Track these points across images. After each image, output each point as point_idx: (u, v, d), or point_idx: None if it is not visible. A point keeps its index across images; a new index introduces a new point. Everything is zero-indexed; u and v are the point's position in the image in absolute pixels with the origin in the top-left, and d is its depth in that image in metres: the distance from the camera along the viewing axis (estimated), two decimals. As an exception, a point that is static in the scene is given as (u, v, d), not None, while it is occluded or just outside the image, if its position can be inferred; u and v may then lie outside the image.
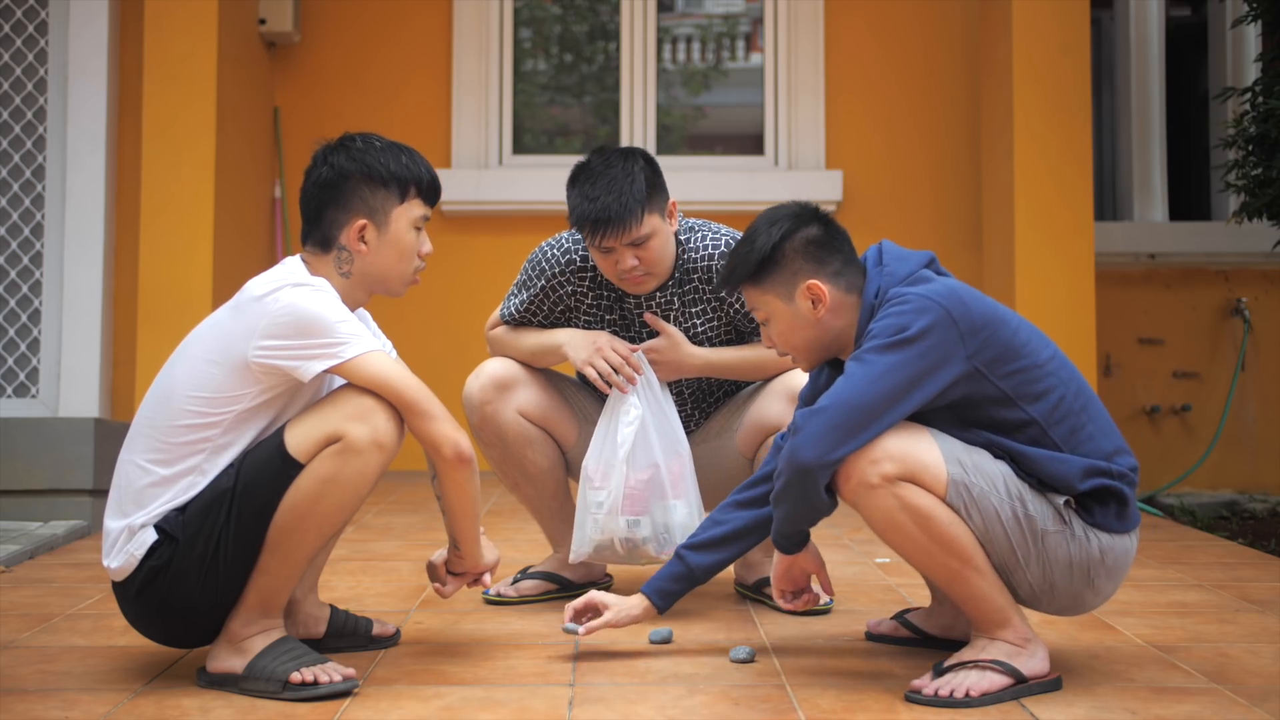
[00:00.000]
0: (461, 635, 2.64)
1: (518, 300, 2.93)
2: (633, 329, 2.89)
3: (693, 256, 2.84)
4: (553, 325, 2.93)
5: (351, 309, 2.35)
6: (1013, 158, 4.83)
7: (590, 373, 2.79)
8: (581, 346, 2.82)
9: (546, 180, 5.53)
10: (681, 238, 2.85)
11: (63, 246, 4.67)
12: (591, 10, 6.08)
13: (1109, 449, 2.21)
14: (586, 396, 2.96)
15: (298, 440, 2.18)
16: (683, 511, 2.72)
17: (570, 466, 2.95)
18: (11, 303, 4.69)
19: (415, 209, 2.37)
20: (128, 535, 2.20)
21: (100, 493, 3.99)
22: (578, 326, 2.91)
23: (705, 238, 2.85)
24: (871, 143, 5.71)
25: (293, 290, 2.21)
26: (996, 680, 2.15)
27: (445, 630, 2.68)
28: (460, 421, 2.36)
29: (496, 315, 3.00)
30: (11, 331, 4.69)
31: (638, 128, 5.83)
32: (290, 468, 2.18)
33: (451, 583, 2.46)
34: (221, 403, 2.20)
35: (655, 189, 2.74)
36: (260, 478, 2.18)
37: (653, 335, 2.88)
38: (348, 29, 5.76)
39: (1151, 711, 2.10)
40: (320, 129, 5.08)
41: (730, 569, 3.26)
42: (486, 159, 5.75)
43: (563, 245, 2.88)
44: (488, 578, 2.47)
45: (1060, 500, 2.16)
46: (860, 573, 3.30)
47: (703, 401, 2.97)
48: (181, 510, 2.20)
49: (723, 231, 2.87)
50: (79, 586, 3.15)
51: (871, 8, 5.78)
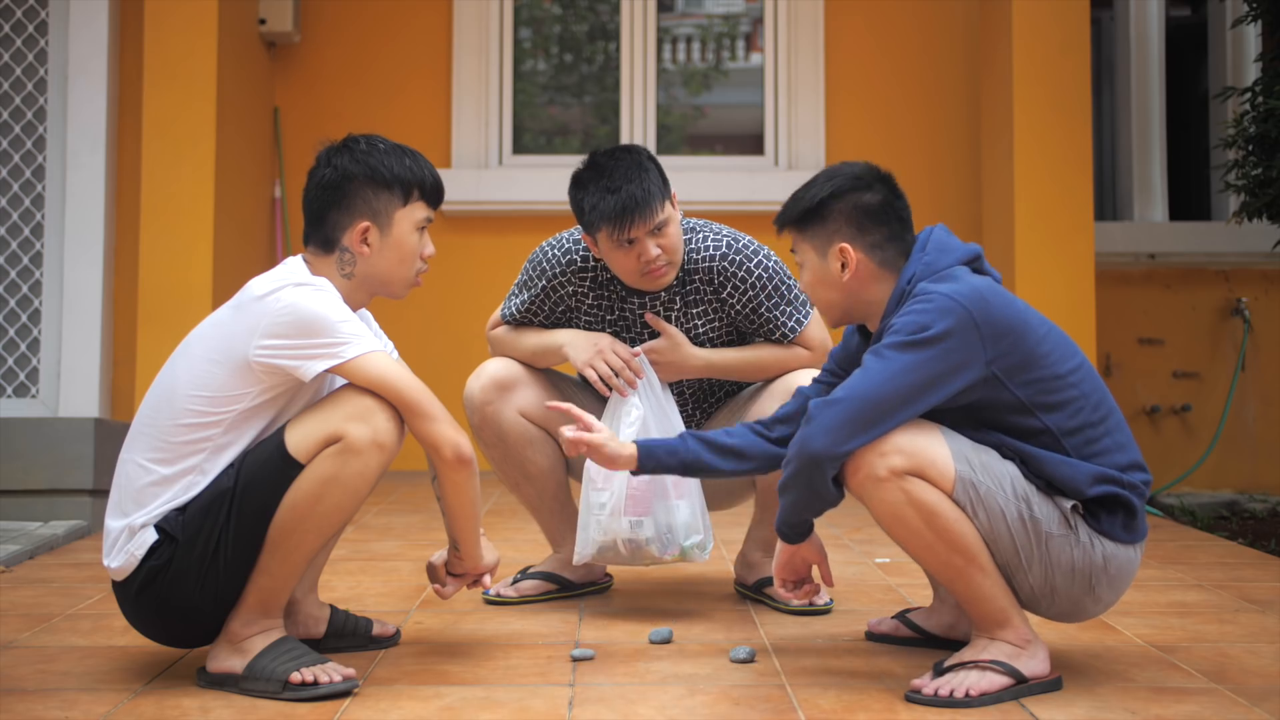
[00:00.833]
0: (461, 635, 2.64)
1: (519, 300, 2.93)
2: (633, 329, 2.89)
3: (694, 257, 2.83)
4: (553, 325, 2.93)
5: (353, 310, 2.36)
6: (1013, 158, 4.83)
7: (591, 375, 2.78)
8: (583, 348, 2.82)
9: (546, 180, 5.53)
10: (684, 236, 2.86)
11: (63, 246, 4.67)
12: (591, 10, 6.08)
13: (1123, 463, 2.20)
14: (588, 397, 2.96)
15: (298, 440, 2.18)
16: (686, 512, 2.70)
17: (571, 467, 2.95)
18: (11, 303, 4.69)
19: (418, 211, 2.37)
20: (128, 535, 2.20)
21: (100, 493, 3.99)
22: (578, 327, 2.91)
23: (707, 238, 2.84)
24: (871, 143, 5.71)
25: (294, 290, 2.21)
26: (996, 680, 2.15)
27: (445, 630, 2.68)
28: (460, 422, 2.36)
29: (497, 315, 3.00)
30: (11, 331, 4.68)
31: (638, 128, 5.82)
32: (290, 468, 2.17)
33: (451, 584, 2.46)
34: (223, 402, 2.20)
35: (661, 176, 2.76)
36: (260, 478, 2.18)
37: (654, 336, 2.88)
38: (348, 29, 5.76)
39: (1151, 711, 2.10)
40: (320, 129, 5.10)
41: (730, 569, 3.27)
42: (486, 159, 5.75)
43: (564, 245, 2.88)
44: (487, 579, 2.47)
45: (1067, 504, 2.15)
46: (860, 573, 3.30)
47: (703, 402, 2.97)
48: (182, 510, 2.20)
49: (724, 232, 2.86)
50: (79, 586, 3.15)
51: (871, 8, 5.78)
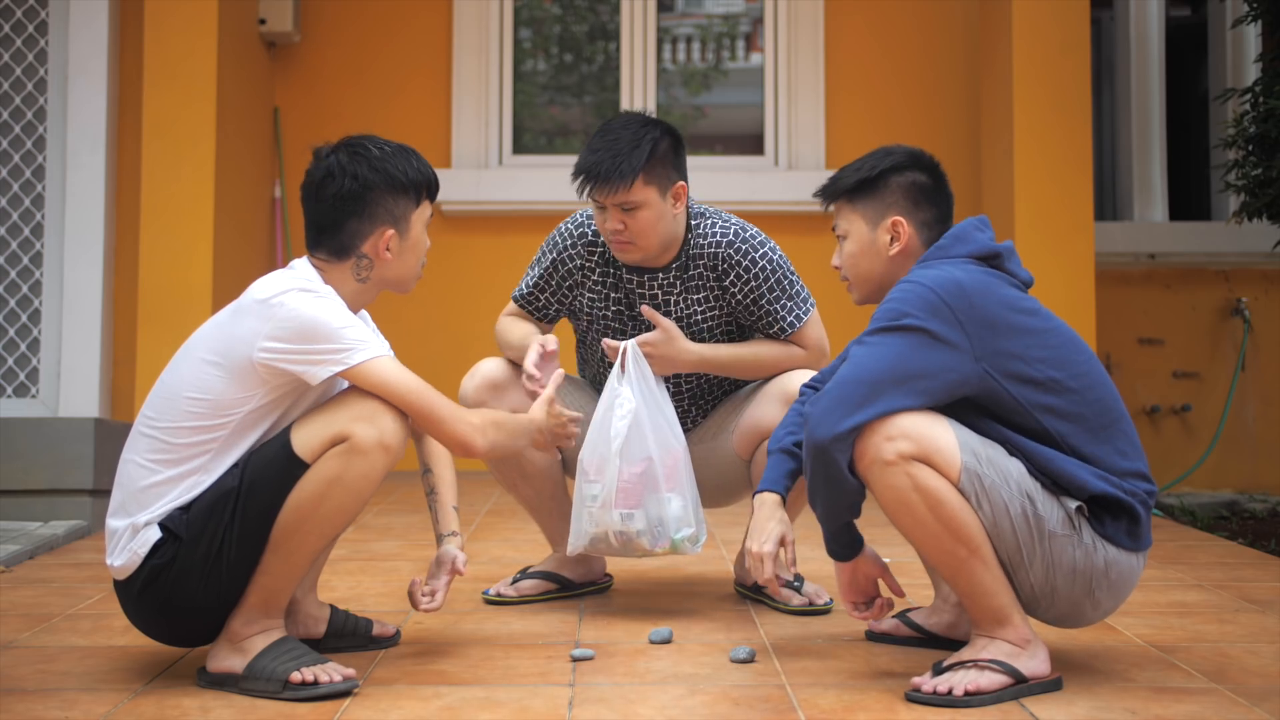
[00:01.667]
0: (461, 635, 2.64)
1: (529, 277, 2.94)
2: (635, 310, 2.88)
3: (700, 243, 2.82)
4: (560, 303, 2.93)
5: (358, 310, 2.37)
6: (1013, 158, 4.83)
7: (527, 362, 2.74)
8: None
9: (546, 180, 5.53)
10: (692, 222, 2.84)
11: (63, 246, 4.67)
12: (591, 10, 6.08)
13: (1125, 470, 2.19)
14: (584, 396, 2.96)
15: (304, 440, 2.19)
16: (678, 505, 2.67)
17: (568, 466, 2.95)
18: (11, 303, 4.69)
19: (426, 210, 2.40)
20: (131, 533, 2.21)
21: (100, 493, 3.99)
22: (583, 305, 2.90)
23: (715, 225, 2.84)
24: (871, 143, 5.60)
25: (298, 295, 2.22)
26: (996, 679, 2.14)
27: (445, 630, 2.68)
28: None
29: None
30: (11, 331, 4.68)
31: (638, 128, 5.82)
32: (296, 467, 2.18)
33: (439, 587, 2.43)
34: (227, 405, 2.21)
35: (661, 163, 2.72)
36: (266, 477, 2.19)
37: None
38: (348, 29, 5.76)
39: (1151, 711, 2.10)
40: (320, 129, 5.09)
41: (730, 569, 3.26)
42: (486, 159, 5.75)
43: (578, 220, 2.90)
44: (461, 557, 2.44)
45: (1072, 505, 2.15)
46: (860, 573, 3.29)
47: (699, 401, 2.96)
48: (186, 509, 2.21)
49: (732, 221, 2.85)
50: (79, 586, 3.15)
51: (871, 8, 5.78)
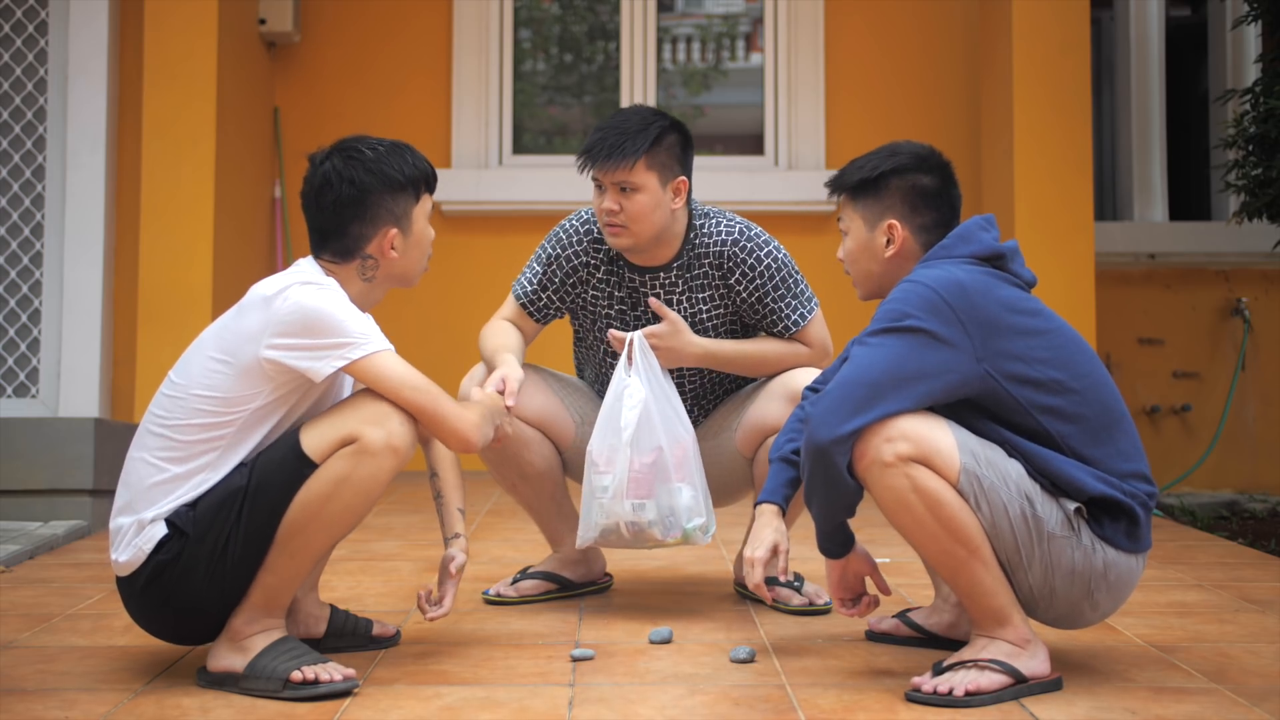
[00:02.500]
0: (461, 635, 2.64)
1: (531, 273, 2.92)
2: (639, 307, 2.88)
3: (704, 241, 2.83)
4: (562, 301, 2.92)
5: (366, 309, 2.36)
6: (1013, 158, 4.83)
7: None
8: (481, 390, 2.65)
9: (546, 180, 5.53)
10: (696, 222, 2.85)
11: (63, 246, 4.67)
12: (591, 10, 6.08)
13: (1125, 471, 2.19)
14: (584, 397, 2.96)
15: (313, 441, 2.20)
16: (688, 495, 2.67)
17: (567, 466, 2.95)
18: (11, 303, 4.69)
19: (426, 203, 2.41)
20: (136, 529, 2.21)
21: (100, 493, 3.99)
22: (586, 303, 2.90)
23: (720, 224, 2.84)
24: (871, 143, 5.59)
25: (301, 288, 2.22)
26: (996, 679, 2.14)
27: (445, 630, 2.68)
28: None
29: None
30: (11, 331, 4.69)
31: (638, 128, 5.82)
32: (305, 467, 2.19)
33: (447, 591, 2.43)
34: (235, 403, 2.21)
35: (666, 153, 2.73)
36: (274, 476, 2.19)
37: (659, 318, 2.86)
38: (348, 29, 5.76)
39: (1151, 711, 2.10)
40: (320, 129, 5.10)
41: (730, 569, 3.27)
42: (486, 159, 5.75)
43: (582, 216, 2.90)
44: (461, 555, 2.41)
45: (1071, 506, 2.15)
46: (860, 573, 3.29)
47: (702, 399, 2.97)
48: (192, 505, 2.21)
49: (737, 221, 2.86)
50: (79, 586, 3.15)
51: (871, 8, 5.78)
